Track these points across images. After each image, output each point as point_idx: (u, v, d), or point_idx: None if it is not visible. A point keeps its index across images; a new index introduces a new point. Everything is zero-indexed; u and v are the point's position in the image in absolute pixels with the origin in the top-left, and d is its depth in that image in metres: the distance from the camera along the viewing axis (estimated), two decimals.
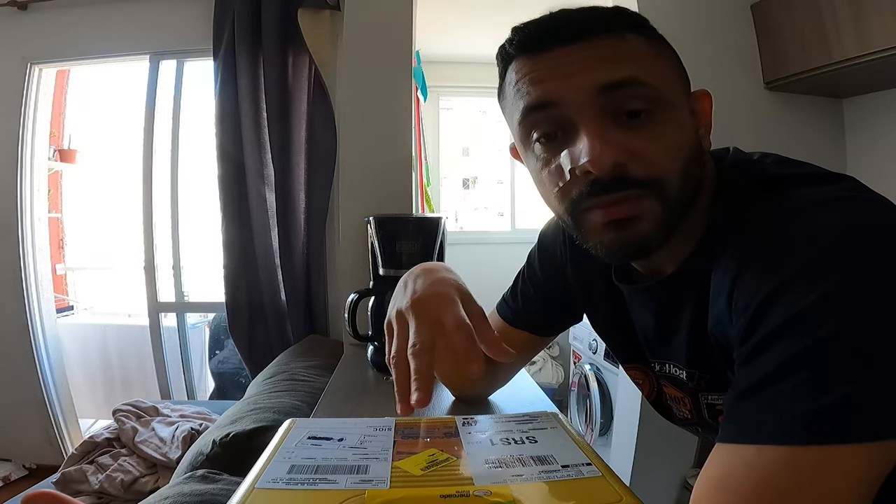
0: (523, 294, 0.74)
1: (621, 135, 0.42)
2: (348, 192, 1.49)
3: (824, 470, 0.31)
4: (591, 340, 2.07)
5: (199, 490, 0.74)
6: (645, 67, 0.42)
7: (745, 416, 0.35)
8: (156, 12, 1.98)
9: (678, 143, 0.43)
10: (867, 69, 1.45)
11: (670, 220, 0.44)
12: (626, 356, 0.63)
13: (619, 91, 0.42)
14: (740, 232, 0.41)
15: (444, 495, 0.37)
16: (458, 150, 3.47)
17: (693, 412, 0.55)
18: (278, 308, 1.90)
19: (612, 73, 0.42)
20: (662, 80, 0.43)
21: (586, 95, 0.42)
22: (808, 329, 0.33)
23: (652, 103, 0.42)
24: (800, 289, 0.35)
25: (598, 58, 0.42)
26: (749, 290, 0.38)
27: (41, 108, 2.11)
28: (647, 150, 0.42)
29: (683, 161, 0.44)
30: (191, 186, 2.15)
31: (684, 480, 1.65)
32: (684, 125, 0.45)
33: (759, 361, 0.35)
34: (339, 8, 1.78)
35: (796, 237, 0.37)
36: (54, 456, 2.10)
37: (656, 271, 0.52)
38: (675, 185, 0.43)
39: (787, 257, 0.37)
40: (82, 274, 3.33)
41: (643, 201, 0.43)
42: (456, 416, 0.55)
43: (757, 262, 0.39)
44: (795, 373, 0.33)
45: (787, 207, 0.40)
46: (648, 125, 0.42)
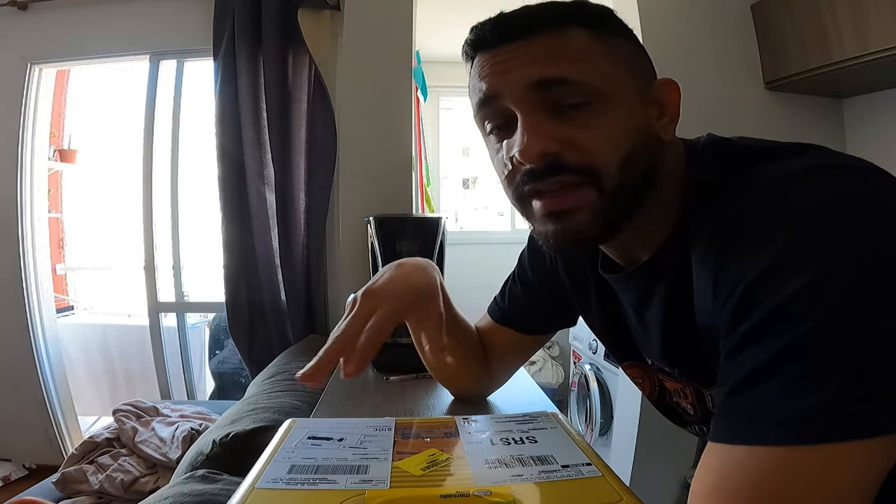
0: (511, 293, 0.75)
1: (557, 126, 0.44)
2: (348, 192, 1.49)
3: (820, 470, 0.30)
4: (591, 340, 2.07)
5: (199, 490, 0.74)
6: (581, 64, 0.44)
7: (736, 416, 0.34)
8: (156, 12, 1.98)
9: (618, 134, 0.44)
10: (867, 69, 1.45)
11: (611, 209, 0.44)
12: (622, 353, 0.62)
13: (553, 88, 0.43)
14: (715, 215, 0.41)
15: (444, 495, 0.37)
16: (458, 150, 3.47)
17: (696, 406, 0.54)
18: (278, 308, 1.90)
19: (544, 70, 0.43)
20: (601, 75, 0.44)
21: (521, 90, 0.44)
22: (795, 320, 0.32)
23: (587, 97, 0.43)
24: (783, 274, 0.34)
25: (535, 54, 0.44)
26: (731, 277, 0.37)
27: (41, 108, 2.10)
28: (581, 139, 0.43)
29: (624, 151, 0.44)
30: (191, 186, 2.15)
31: (684, 480, 1.65)
32: (631, 114, 0.45)
33: (747, 355, 0.34)
34: (339, 8, 1.78)
35: (773, 217, 0.36)
36: (54, 456, 2.10)
37: (633, 260, 0.52)
38: (612, 174, 0.43)
39: (766, 240, 0.36)
40: (82, 274, 3.33)
41: (580, 192, 0.44)
42: (456, 416, 0.55)
43: (736, 247, 0.38)
44: (785, 368, 0.32)
45: (760, 185, 0.39)
46: (585, 115, 0.44)
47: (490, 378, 0.80)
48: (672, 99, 0.48)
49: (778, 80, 1.68)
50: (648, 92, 0.47)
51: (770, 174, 0.40)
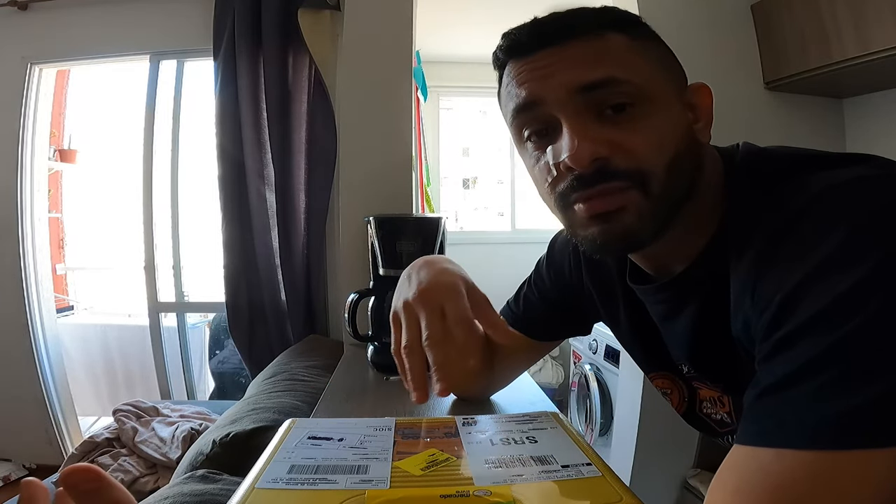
0: (526, 299, 0.75)
1: (604, 129, 0.43)
2: (348, 192, 1.49)
3: (845, 476, 0.30)
4: (591, 340, 2.07)
5: (199, 490, 0.74)
6: (623, 65, 0.43)
7: (764, 418, 0.34)
8: (156, 12, 1.98)
9: (663, 136, 0.44)
10: (867, 69, 1.45)
11: (657, 212, 0.44)
12: (650, 363, 0.61)
13: (599, 90, 0.43)
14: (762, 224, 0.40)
15: (444, 495, 0.37)
16: (458, 150, 3.47)
17: (734, 415, 0.53)
18: (278, 308, 1.90)
19: (588, 73, 0.43)
20: (643, 77, 0.44)
21: (565, 94, 0.43)
22: (833, 325, 0.32)
23: (633, 98, 0.43)
24: (825, 282, 0.34)
25: (575, 59, 0.44)
26: (773, 284, 0.37)
27: (41, 108, 2.10)
28: (629, 143, 0.43)
29: (671, 154, 0.44)
30: (191, 186, 2.15)
31: (684, 480, 1.65)
32: (672, 119, 0.45)
33: (781, 359, 0.34)
34: (339, 8, 1.78)
35: (820, 226, 0.36)
36: (54, 456, 2.10)
37: (666, 270, 0.51)
38: (659, 177, 0.43)
39: (811, 248, 0.35)
40: (82, 274, 3.33)
41: (626, 193, 0.43)
42: (456, 416, 0.55)
43: (780, 256, 0.37)
44: (818, 373, 0.32)
45: (807, 194, 0.38)
46: (632, 119, 0.43)
47: (493, 379, 0.80)
48: (705, 103, 0.48)
49: (778, 80, 1.68)
50: (683, 96, 0.47)
51: (820, 183, 0.39)
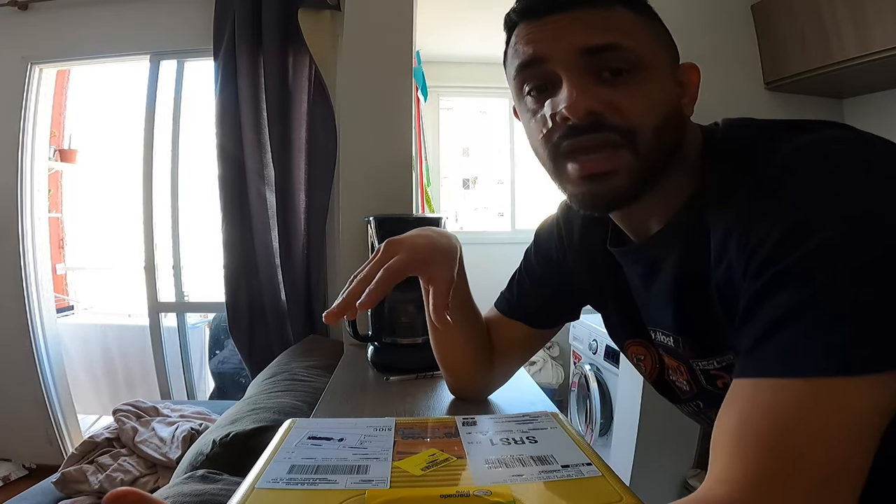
0: (520, 285, 0.77)
1: (601, 89, 0.46)
2: (348, 192, 1.49)
3: (832, 401, 0.33)
4: (591, 341, 2.07)
5: (199, 490, 0.74)
6: (628, 35, 0.47)
7: (764, 353, 0.37)
8: (156, 12, 1.98)
9: (655, 101, 0.47)
10: (867, 69, 1.45)
11: (644, 172, 0.47)
12: (627, 330, 0.64)
13: (602, 54, 0.46)
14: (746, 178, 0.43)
15: (444, 495, 0.37)
16: (458, 150, 3.47)
17: (691, 382, 0.57)
18: (278, 308, 1.90)
19: (597, 37, 0.46)
20: (644, 48, 0.47)
21: (572, 54, 0.47)
22: (821, 267, 0.35)
23: (632, 65, 0.46)
24: (815, 226, 0.37)
25: (585, 23, 0.47)
26: (766, 227, 0.39)
27: (41, 108, 2.10)
28: (623, 102, 0.46)
29: (659, 116, 0.47)
30: (191, 186, 2.15)
31: (684, 480, 1.65)
32: (664, 87, 0.48)
33: (777, 296, 0.37)
34: (339, 8, 1.78)
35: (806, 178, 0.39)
36: (54, 456, 2.10)
37: (645, 231, 0.55)
38: (648, 136, 0.46)
39: (801, 195, 0.38)
40: (82, 274, 3.33)
41: (618, 154, 0.47)
42: (456, 416, 0.55)
43: (770, 202, 0.40)
44: (809, 310, 0.35)
45: (792, 150, 0.42)
46: (628, 83, 0.47)
47: (492, 374, 0.81)
48: (693, 82, 0.52)
49: (778, 80, 1.68)
50: (676, 72, 0.51)
51: (801, 141, 0.42)
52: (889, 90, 1.67)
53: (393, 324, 1.12)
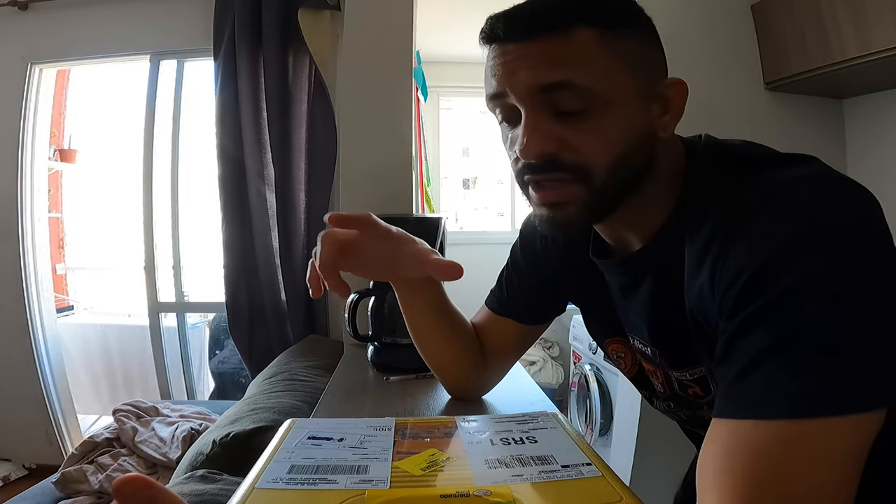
0: (508, 282, 0.77)
1: (556, 126, 0.47)
2: (348, 192, 1.49)
3: (816, 441, 0.34)
4: (591, 341, 2.07)
5: (199, 490, 0.74)
6: (584, 67, 0.45)
7: (743, 394, 0.37)
8: (156, 12, 1.98)
9: (612, 138, 0.47)
10: (867, 69, 1.45)
11: (596, 204, 0.49)
12: (607, 330, 0.65)
13: (556, 92, 0.46)
14: (718, 209, 0.44)
15: (444, 495, 0.37)
16: (458, 150, 3.47)
17: (665, 386, 0.59)
18: (278, 308, 1.90)
19: (550, 74, 0.45)
20: (602, 79, 0.45)
21: (526, 91, 0.47)
22: (794, 308, 0.36)
23: (587, 102, 0.46)
24: (785, 266, 0.37)
25: (541, 57, 0.46)
26: (734, 267, 0.40)
27: (41, 108, 2.11)
28: (577, 142, 0.46)
29: (616, 154, 0.47)
30: (191, 186, 2.15)
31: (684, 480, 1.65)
32: (625, 119, 0.47)
33: (750, 339, 0.37)
34: (339, 8, 1.78)
35: (777, 217, 0.39)
36: (54, 456, 2.10)
37: (626, 246, 0.56)
38: (601, 174, 0.47)
39: (773, 233, 0.39)
40: (82, 274, 3.33)
41: (570, 187, 0.48)
42: (456, 416, 0.55)
43: (740, 241, 0.40)
44: (784, 352, 0.36)
45: (768, 185, 0.42)
46: (584, 120, 0.46)
47: (487, 374, 0.81)
48: (678, 98, 0.50)
49: (778, 81, 1.68)
50: (655, 89, 0.49)
51: (773, 179, 0.43)
52: (889, 90, 1.67)
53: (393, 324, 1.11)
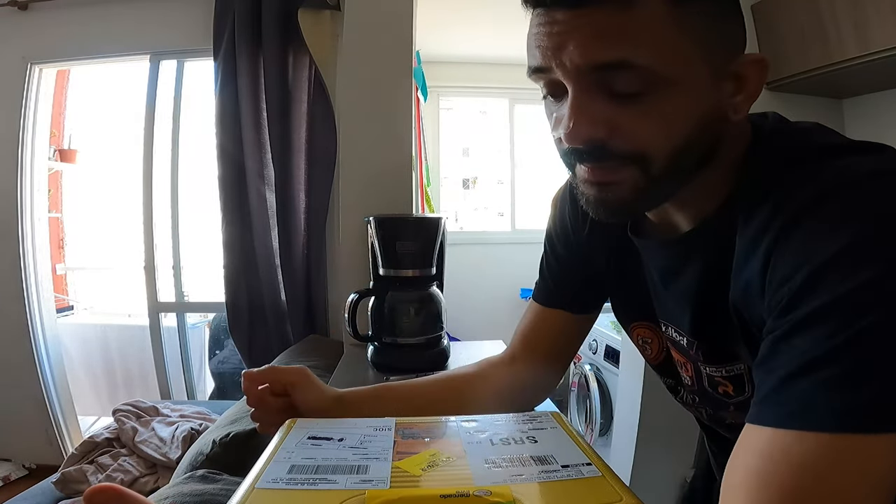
0: (549, 267, 0.72)
1: (607, 109, 0.41)
2: (348, 192, 1.49)
3: (863, 458, 0.31)
4: (591, 341, 2.07)
5: (199, 490, 0.74)
6: (647, 45, 0.39)
7: (788, 401, 0.34)
8: (156, 12, 1.98)
9: (674, 123, 0.41)
10: (867, 69, 1.45)
11: (653, 190, 0.44)
12: (635, 313, 0.62)
13: (609, 72, 0.40)
14: (778, 198, 0.40)
15: (444, 495, 0.37)
16: (458, 150, 3.47)
17: (693, 380, 0.56)
18: (278, 308, 1.90)
19: (603, 52, 0.39)
20: (669, 57, 0.40)
21: (574, 70, 0.41)
22: (856, 313, 0.33)
23: (647, 85, 0.40)
24: (849, 266, 0.34)
25: (593, 31, 0.39)
26: (791, 261, 0.36)
27: (41, 108, 2.10)
28: (632, 127, 0.41)
29: (679, 140, 0.42)
30: (191, 186, 2.15)
31: (684, 480, 1.65)
32: (692, 102, 0.42)
33: (802, 341, 0.34)
34: (339, 8, 1.78)
35: (842, 212, 0.36)
36: (54, 456, 2.10)
37: (672, 226, 0.51)
38: (661, 161, 0.42)
39: (832, 232, 0.35)
40: (82, 274, 3.33)
41: (625, 169, 0.43)
42: (456, 417, 0.55)
43: (799, 234, 0.37)
44: (841, 359, 0.32)
45: (835, 178, 0.38)
46: (642, 102, 0.41)
47: (548, 375, 0.75)
48: (755, 78, 0.44)
49: (778, 80, 1.68)
50: (729, 66, 0.43)
51: (842, 170, 0.39)
52: (889, 90, 1.67)
53: (393, 324, 1.12)
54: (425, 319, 1.13)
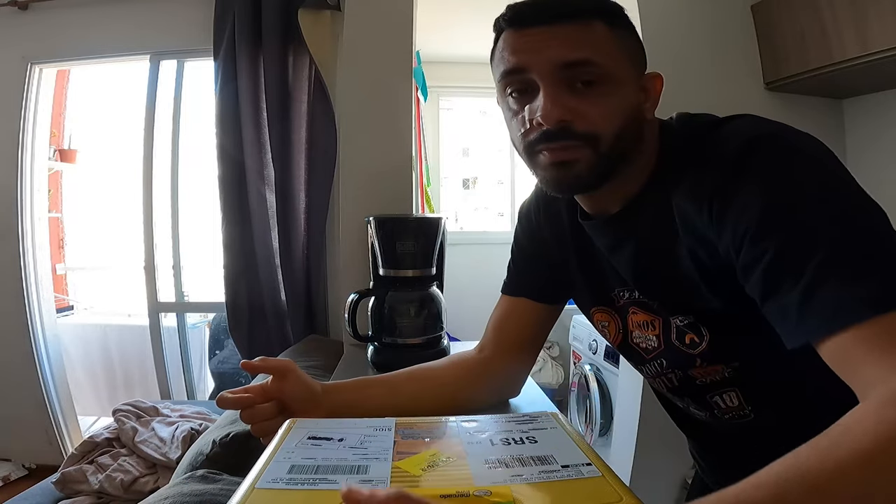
0: (515, 264, 0.81)
1: (571, 99, 0.53)
2: (348, 192, 1.49)
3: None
4: (591, 341, 2.07)
5: (199, 490, 0.74)
6: (600, 50, 0.53)
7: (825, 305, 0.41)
8: (156, 12, 1.98)
9: (617, 110, 0.55)
10: (867, 69, 1.45)
11: (601, 166, 0.55)
12: (593, 299, 0.70)
13: (576, 68, 0.53)
14: (701, 161, 0.52)
15: (444, 495, 0.37)
16: (458, 150, 3.47)
17: (660, 338, 0.63)
18: (278, 308, 1.90)
19: (573, 53, 0.53)
20: (613, 62, 0.54)
21: (549, 67, 0.53)
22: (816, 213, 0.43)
23: (601, 77, 0.53)
24: (798, 195, 0.45)
25: (564, 39, 0.53)
26: (741, 203, 0.47)
27: (41, 108, 2.11)
28: (589, 111, 0.54)
29: (620, 123, 0.55)
30: (191, 186, 2.15)
31: (684, 480, 1.65)
32: (627, 96, 0.55)
33: (793, 261, 0.43)
34: (339, 8, 1.78)
35: (766, 161, 0.48)
36: (54, 456, 2.10)
37: (604, 211, 0.63)
38: (608, 140, 0.54)
39: (766, 177, 0.47)
40: (82, 274, 3.33)
41: (581, 150, 0.54)
42: (456, 417, 0.55)
43: (737, 183, 0.48)
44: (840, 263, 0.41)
45: (741, 137, 0.50)
46: (595, 93, 0.54)
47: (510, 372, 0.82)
48: (656, 89, 0.59)
49: (778, 81, 1.68)
50: (641, 79, 0.58)
51: (748, 129, 0.51)
52: (889, 90, 1.67)
53: (393, 324, 1.12)
54: (425, 319, 1.13)
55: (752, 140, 0.49)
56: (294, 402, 0.65)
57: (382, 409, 0.65)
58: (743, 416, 0.61)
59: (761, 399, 0.60)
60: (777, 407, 0.60)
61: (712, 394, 0.62)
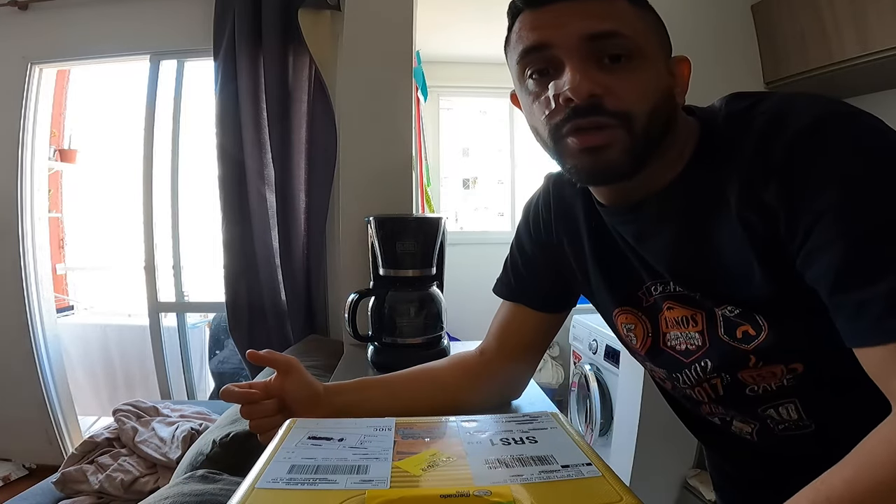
0: (514, 269, 0.77)
1: (600, 74, 0.49)
2: (348, 192, 1.49)
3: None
4: (591, 341, 2.07)
5: (199, 490, 0.74)
6: (627, 24, 0.49)
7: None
8: (156, 12, 1.98)
9: (649, 87, 0.50)
10: (867, 69, 1.44)
11: (637, 150, 0.50)
12: (615, 298, 0.64)
13: (603, 40, 0.49)
14: (763, 134, 0.47)
15: (444, 495, 0.37)
16: (458, 150, 3.47)
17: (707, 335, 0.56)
18: (278, 308, 1.90)
19: (598, 24, 0.49)
20: (641, 37, 0.50)
21: (574, 41, 0.49)
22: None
23: (629, 52, 0.49)
24: (871, 184, 0.41)
25: (587, 12, 0.49)
26: (812, 187, 0.43)
27: (41, 108, 2.10)
28: (620, 88, 0.49)
29: (653, 102, 0.50)
30: (191, 186, 2.15)
31: (684, 480, 1.65)
32: (658, 75, 0.51)
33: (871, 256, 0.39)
34: (339, 8, 1.78)
35: (838, 144, 0.43)
36: (54, 456, 2.10)
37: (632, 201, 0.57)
38: (642, 120, 0.50)
39: (839, 162, 0.42)
40: (82, 274, 3.33)
41: (613, 132, 0.49)
42: (456, 417, 0.55)
43: (804, 167, 0.43)
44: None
45: (808, 120, 0.45)
46: (625, 69, 0.49)
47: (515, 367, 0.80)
48: (684, 74, 0.55)
49: (778, 80, 1.68)
50: (669, 63, 0.54)
51: (814, 105, 0.47)
52: (889, 90, 1.67)
53: (393, 324, 1.12)
54: (425, 319, 1.13)
55: (830, 115, 0.45)
56: (295, 402, 0.65)
57: (382, 410, 0.64)
58: (802, 426, 0.54)
59: (825, 410, 0.53)
60: (842, 419, 0.50)
61: (765, 406, 0.55)
